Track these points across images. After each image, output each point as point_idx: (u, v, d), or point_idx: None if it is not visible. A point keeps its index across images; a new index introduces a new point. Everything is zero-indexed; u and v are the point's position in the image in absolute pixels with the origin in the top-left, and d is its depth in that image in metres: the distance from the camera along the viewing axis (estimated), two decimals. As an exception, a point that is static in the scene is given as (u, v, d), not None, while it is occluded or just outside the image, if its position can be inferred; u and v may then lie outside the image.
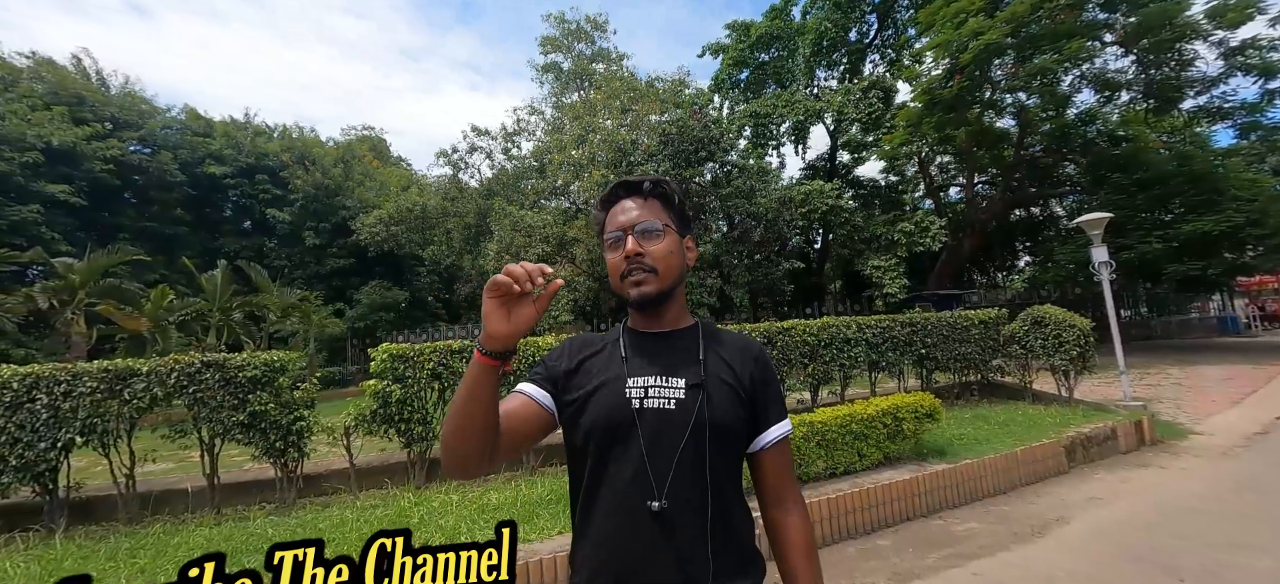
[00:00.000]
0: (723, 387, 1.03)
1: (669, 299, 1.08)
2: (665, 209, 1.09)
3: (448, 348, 4.94)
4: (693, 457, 0.97)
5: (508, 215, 18.00)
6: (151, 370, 4.35)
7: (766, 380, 1.09)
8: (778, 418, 1.09)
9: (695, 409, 0.99)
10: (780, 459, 1.09)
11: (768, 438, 1.07)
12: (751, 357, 1.10)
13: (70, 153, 19.21)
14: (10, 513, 4.30)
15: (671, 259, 1.06)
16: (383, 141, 34.25)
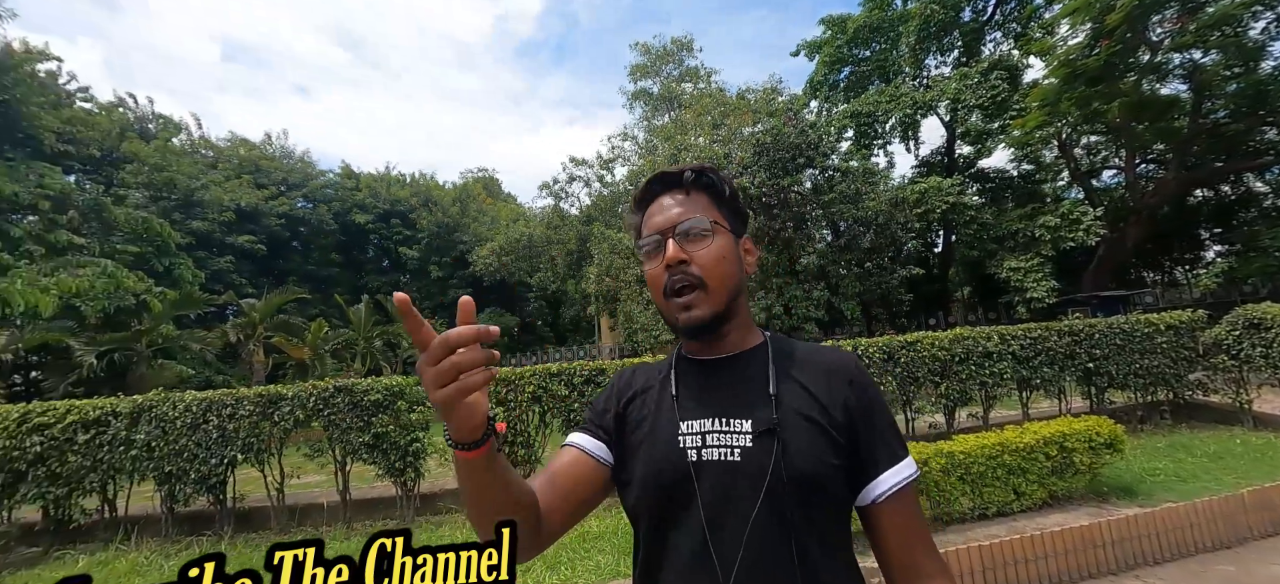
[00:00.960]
0: (804, 425, 0.78)
1: (726, 319, 0.84)
2: (714, 204, 0.86)
3: (546, 371, 4.99)
4: (769, 522, 0.74)
5: (606, 239, 18.47)
6: (294, 395, 4.86)
7: (869, 410, 0.81)
8: (891, 459, 0.79)
9: (770, 460, 0.75)
10: (903, 515, 0.78)
11: (880, 488, 0.78)
12: (845, 379, 0.82)
13: (254, 212, 23.14)
14: (191, 520, 5.00)
15: (725, 266, 0.83)
16: (494, 180, 37.25)
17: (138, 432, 4.85)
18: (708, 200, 0.86)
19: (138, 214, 18.27)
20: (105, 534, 5.05)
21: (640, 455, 0.83)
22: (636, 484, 0.82)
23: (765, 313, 14.56)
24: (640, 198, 0.91)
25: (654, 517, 0.81)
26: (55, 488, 4.88)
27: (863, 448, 0.79)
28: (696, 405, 0.83)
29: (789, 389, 0.81)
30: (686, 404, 0.83)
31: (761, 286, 15.26)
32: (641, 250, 0.86)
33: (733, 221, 0.88)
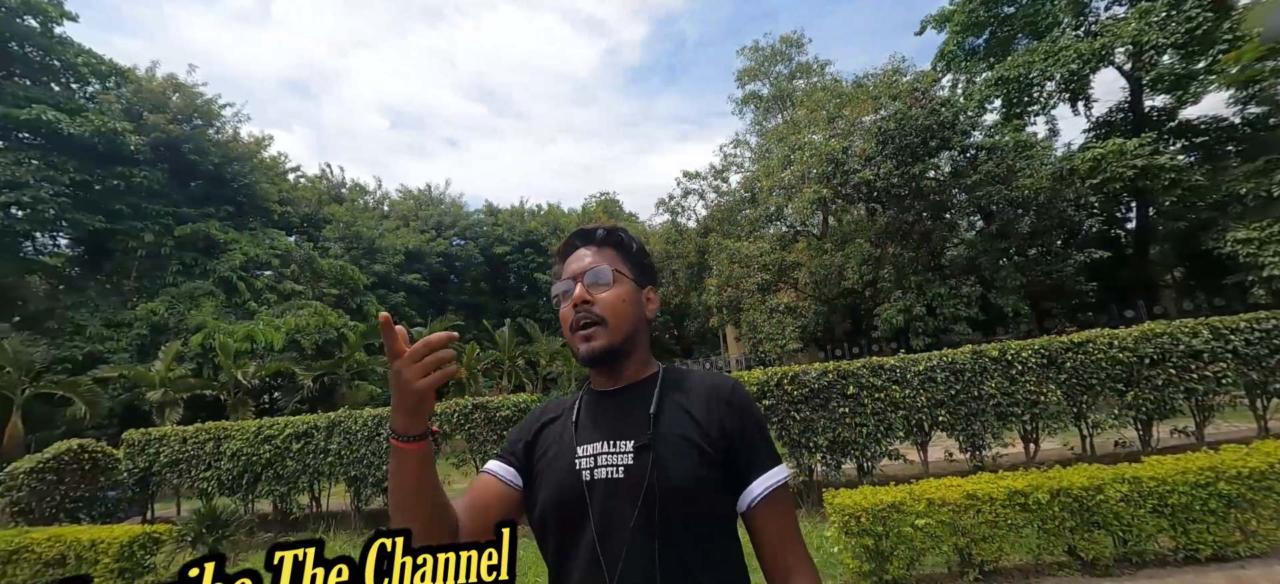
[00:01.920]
0: (679, 443, 0.88)
1: (621, 355, 0.96)
2: (621, 257, 1.01)
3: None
4: (645, 530, 0.83)
5: (724, 249, 18.30)
6: (441, 412, 5.56)
7: (743, 425, 0.92)
8: (762, 467, 0.90)
9: (645, 474, 0.85)
10: (774, 518, 0.89)
11: (753, 493, 0.88)
12: (721, 399, 0.93)
13: (418, 253, 27.00)
14: (373, 516, 5.94)
15: (623, 308, 0.96)
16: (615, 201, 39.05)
17: (332, 442, 5.92)
18: (615, 254, 1.00)
19: (337, 263, 22.41)
20: (313, 525, 6.23)
21: (543, 479, 0.94)
22: (540, 505, 0.92)
23: (904, 315, 13.19)
24: (561, 249, 1.05)
25: (557, 533, 0.90)
26: (280, 486, 6.15)
27: (738, 460, 0.89)
28: (591, 430, 0.94)
29: (669, 411, 0.92)
30: (584, 430, 0.95)
31: (897, 286, 13.86)
32: (556, 293, 1.00)
33: (637, 274, 1.01)
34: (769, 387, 4.74)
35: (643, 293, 1.02)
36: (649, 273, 1.04)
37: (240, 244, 19.16)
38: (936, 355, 4.61)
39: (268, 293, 19.23)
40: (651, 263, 1.05)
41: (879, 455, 4.60)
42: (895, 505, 3.19)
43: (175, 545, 5.60)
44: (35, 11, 15.89)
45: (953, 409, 4.47)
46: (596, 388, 1.00)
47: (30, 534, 5.32)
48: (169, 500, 8.43)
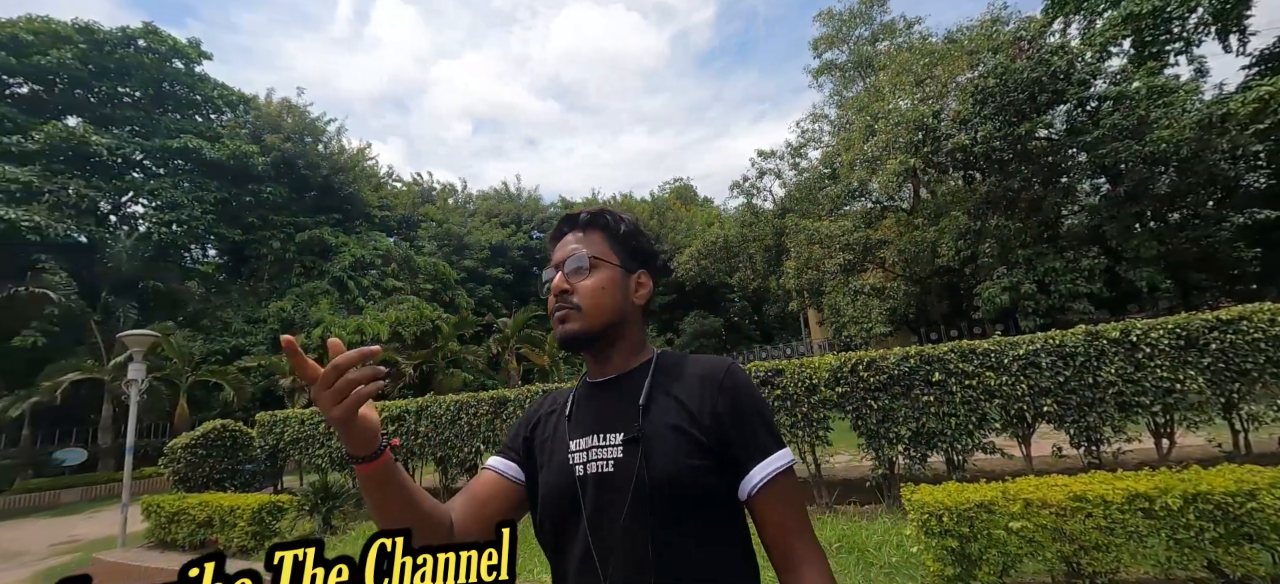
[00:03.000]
0: (669, 434, 0.84)
1: (601, 341, 0.93)
2: (607, 241, 0.96)
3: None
4: (636, 523, 0.80)
5: (802, 230, 17.49)
6: (515, 397, 5.81)
7: (739, 409, 0.86)
8: (762, 453, 0.84)
9: (634, 468, 0.82)
10: (778, 506, 0.83)
11: (753, 481, 0.82)
12: (714, 384, 0.88)
13: (502, 247, 28.46)
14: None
15: (601, 295, 0.92)
16: (689, 188, 38.67)
17: (421, 425, 6.40)
18: (601, 237, 0.96)
19: (431, 260, 24.19)
20: (408, 501, 6.79)
21: (541, 475, 0.93)
22: (540, 502, 0.91)
23: (1009, 293, 11.87)
24: (551, 236, 1.03)
25: (553, 529, 0.88)
26: (379, 465, 6.77)
27: (735, 447, 0.83)
28: (583, 424, 0.91)
29: (660, 401, 0.87)
30: (576, 424, 0.92)
31: (1001, 262, 12.48)
32: (543, 282, 0.97)
33: (624, 257, 0.96)
34: (842, 373, 4.44)
35: (631, 277, 0.97)
36: (641, 256, 0.99)
37: (349, 247, 21.24)
38: (1041, 337, 4.05)
39: (373, 290, 21.18)
40: (646, 245, 0.99)
41: (971, 449, 4.15)
42: (985, 505, 2.85)
43: (296, 513, 6.35)
44: (181, 55, 18.50)
45: (1061, 398, 3.91)
46: (590, 379, 0.98)
47: (187, 499, 6.27)
48: (294, 474, 9.59)
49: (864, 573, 3.29)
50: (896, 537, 3.55)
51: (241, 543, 5.45)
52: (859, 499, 4.67)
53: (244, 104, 21.12)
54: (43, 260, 14.50)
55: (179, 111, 19.09)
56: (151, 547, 6.36)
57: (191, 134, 17.80)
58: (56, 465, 14.40)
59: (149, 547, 6.38)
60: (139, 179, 17.90)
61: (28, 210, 14.11)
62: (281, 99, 22.35)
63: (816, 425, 4.47)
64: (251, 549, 5.44)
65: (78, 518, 10.53)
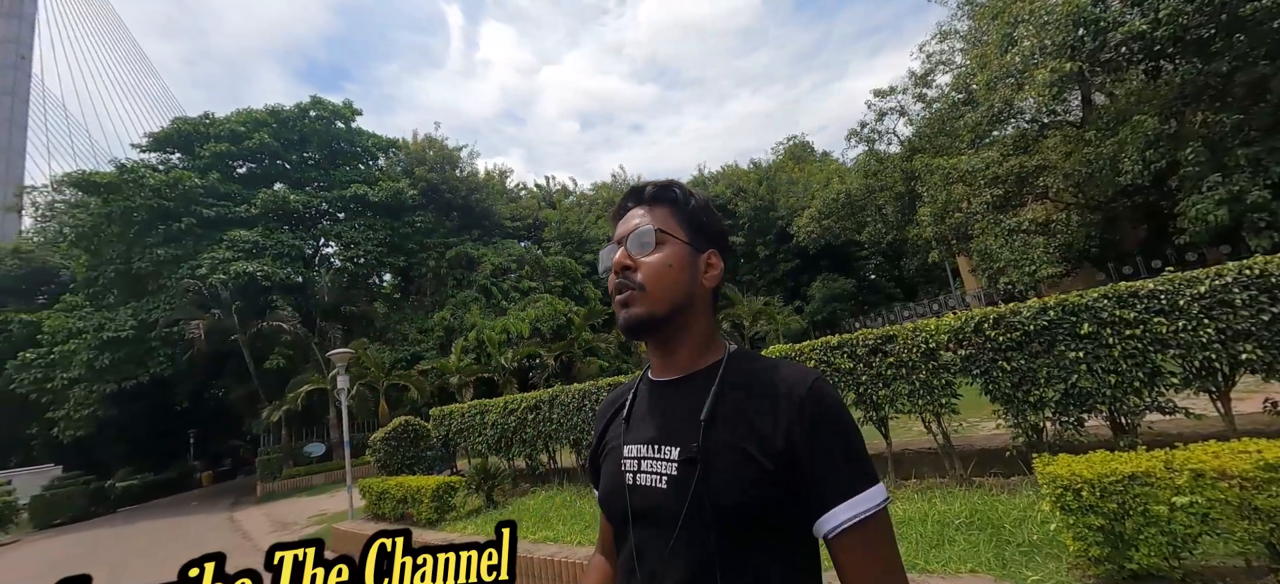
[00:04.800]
0: (734, 455, 0.73)
1: (669, 328, 0.82)
2: (674, 216, 0.85)
3: (826, 344, 4.75)
4: (687, 553, 0.72)
5: (936, 169, 15.59)
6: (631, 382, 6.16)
7: (817, 436, 0.72)
8: (844, 493, 0.70)
9: (690, 490, 0.73)
10: (858, 554, 0.70)
11: (829, 523, 0.70)
12: (794, 402, 0.73)
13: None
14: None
15: (668, 275, 0.80)
16: (805, 145, 36.42)
17: (554, 412, 7.09)
18: (668, 213, 0.86)
19: (558, 259, 26.07)
20: (553, 479, 7.58)
21: (603, 476, 0.89)
22: (601, 503, 0.89)
23: (1229, 207, 9.38)
24: (614, 214, 0.93)
25: (611, 531, 0.86)
26: (525, 448, 7.64)
27: (810, 479, 0.71)
28: (640, 428, 0.84)
29: (727, 415, 0.77)
30: (634, 427, 0.86)
31: (1214, 168, 9.88)
32: (603, 262, 0.88)
33: (691, 234, 0.85)
34: (965, 333, 3.99)
35: (701, 257, 0.85)
36: (711, 235, 0.88)
37: (488, 257, 23.76)
38: (1231, 269, 3.24)
39: (512, 292, 23.48)
40: (716, 222, 0.89)
41: (1141, 410, 3.49)
42: (1137, 476, 2.43)
43: (465, 490, 7.46)
44: (341, 116, 22.16)
45: (1268, 343, 3.12)
46: (652, 376, 0.89)
47: (388, 482, 7.71)
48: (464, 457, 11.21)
49: (997, 552, 3.01)
50: (1039, 512, 3.17)
51: (428, 516, 6.56)
52: (1002, 470, 4.21)
53: (393, 147, 24.63)
54: (275, 300, 18.52)
55: (347, 164, 22.92)
56: (369, 519, 7.94)
57: (358, 182, 21.30)
58: (305, 457, 18.42)
59: (367, 519, 7.98)
60: (327, 225, 21.89)
61: (260, 263, 18.07)
62: (424, 135, 25.60)
63: (938, 393, 4.11)
64: (435, 521, 6.53)
65: (323, 497, 13.42)
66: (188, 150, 20.41)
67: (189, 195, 18.46)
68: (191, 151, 20.26)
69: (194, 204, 18.55)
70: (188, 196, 18.44)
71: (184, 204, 18.35)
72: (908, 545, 3.25)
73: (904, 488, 4.42)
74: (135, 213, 17.90)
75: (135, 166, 18.84)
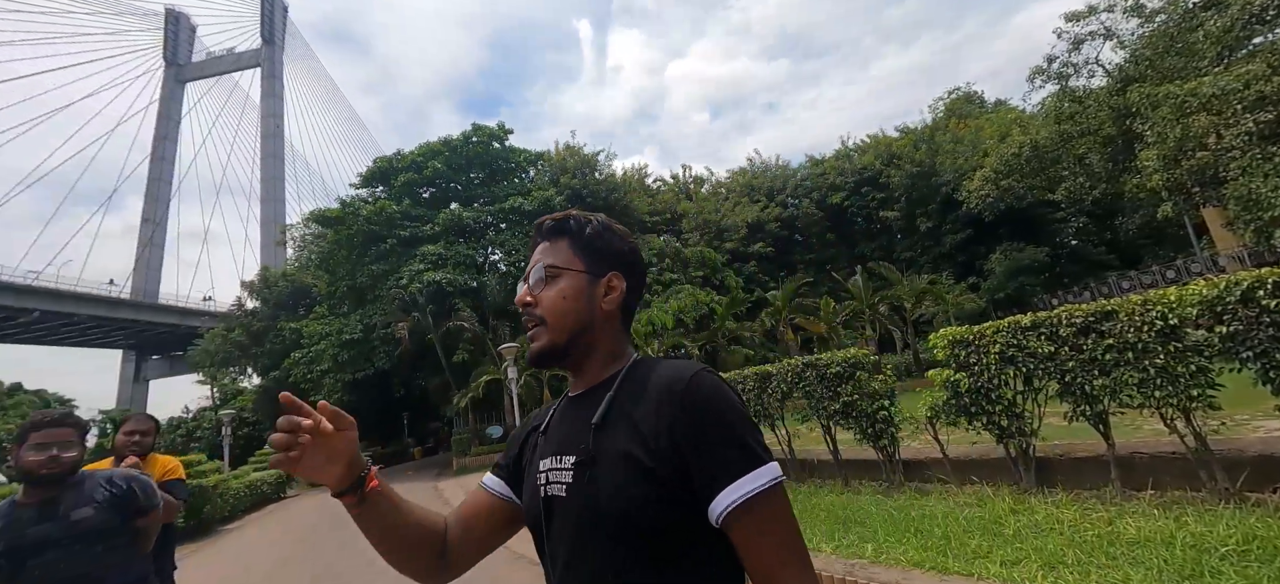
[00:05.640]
0: (617, 456, 0.76)
1: (572, 354, 0.88)
2: (571, 246, 0.91)
3: (1015, 324, 4.02)
4: (584, 555, 0.77)
5: (1167, 99, 12.36)
6: (777, 372, 5.92)
7: (697, 427, 0.73)
8: (729, 475, 0.71)
9: (582, 494, 0.78)
10: (751, 532, 0.71)
11: (718, 507, 0.71)
12: (673, 398, 0.76)
13: (757, 223, 28.69)
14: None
15: (562, 304, 0.87)
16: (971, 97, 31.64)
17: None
18: (565, 244, 0.92)
19: (697, 250, 26.18)
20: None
21: (524, 490, 0.92)
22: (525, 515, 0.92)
23: None
24: (531, 248, 0.98)
25: (537, 550, 0.87)
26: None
27: (696, 470, 0.72)
28: (549, 442, 0.88)
29: (617, 419, 0.80)
30: (547, 441, 0.89)
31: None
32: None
33: (589, 262, 0.90)
34: (1227, 305, 3.03)
35: (599, 282, 0.90)
36: (610, 257, 0.91)
37: (630, 253, 24.81)
38: None
39: (655, 285, 24.17)
40: (615, 244, 0.92)
41: None
42: None
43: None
44: (496, 138, 24.89)
45: None
46: (569, 393, 0.94)
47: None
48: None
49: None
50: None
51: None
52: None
53: (540, 160, 26.95)
54: (457, 303, 21.51)
55: (504, 179, 25.65)
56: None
57: (514, 195, 23.72)
58: (488, 438, 21.15)
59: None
60: (493, 235, 24.76)
61: (444, 272, 21.11)
62: (564, 145, 27.58)
63: (1185, 382, 3.23)
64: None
65: (500, 475, 15.26)
66: (386, 182, 24.67)
67: (390, 220, 22.33)
68: (389, 183, 24.45)
69: (394, 227, 22.36)
70: (390, 221, 22.30)
71: (387, 228, 22.23)
72: (1145, 572, 2.62)
73: (1136, 499, 3.59)
74: (355, 238, 22.21)
75: (352, 201, 23.42)
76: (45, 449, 1.88)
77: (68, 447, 1.93)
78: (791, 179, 31.86)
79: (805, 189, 30.86)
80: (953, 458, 4.84)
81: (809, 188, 30.71)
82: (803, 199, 30.24)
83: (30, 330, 41.57)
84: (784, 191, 31.06)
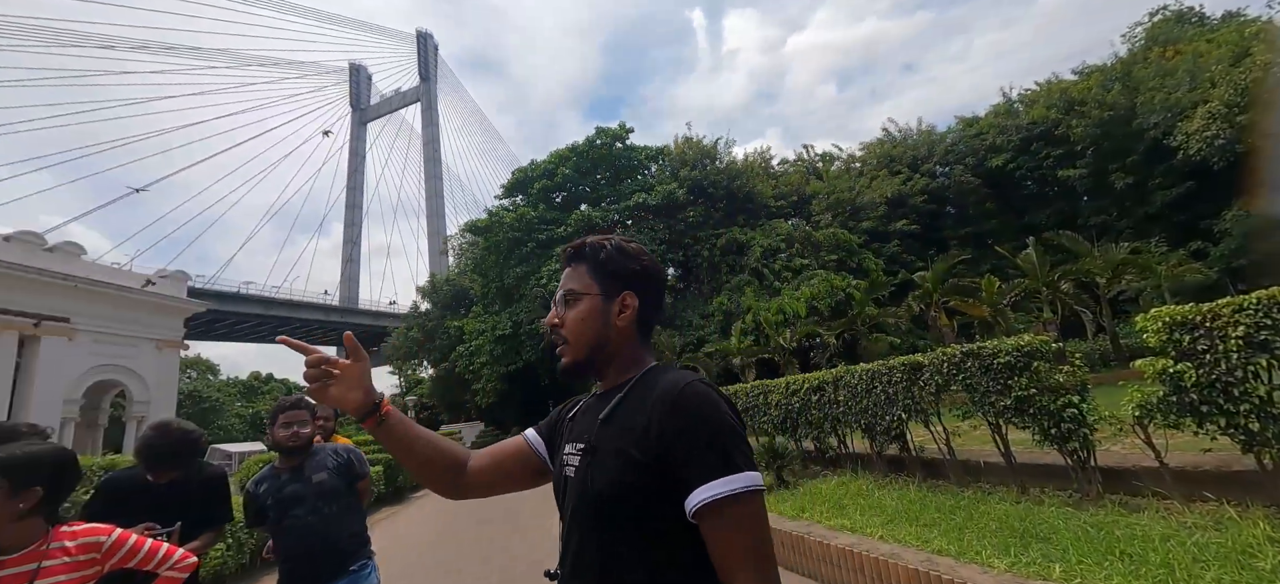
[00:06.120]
0: (612, 449, 0.88)
1: (593, 367, 1.01)
2: (589, 271, 1.03)
3: (1271, 299, 3.11)
4: (582, 531, 0.89)
5: None
6: (930, 363, 5.33)
7: (684, 429, 0.83)
8: (704, 476, 0.80)
9: (583, 477, 0.90)
10: (719, 532, 0.79)
11: (692, 503, 0.80)
12: (666, 402, 0.86)
13: (898, 198, 26.02)
14: (891, 462, 6.32)
15: (582, 325, 1.00)
16: (1183, 16, 25.26)
17: (839, 394, 6.71)
18: (585, 269, 1.03)
19: (829, 232, 24.58)
20: (844, 464, 7.19)
21: (554, 469, 1.06)
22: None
23: None
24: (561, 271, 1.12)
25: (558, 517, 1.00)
26: (811, 428, 7.46)
27: (676, 467, 0.81)
28: (573, 430, 1.01)
29: (620, 417, 0.91)
30: (571, 429, 1.03)
31: None
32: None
33: (604, 284, 1.01)
34: None
35: (614, 303, 1.01)
36: (625, 277, 1.02)
37: (756, 240, 24.08)
38: None
39: (784, 272, 23.23)
40: (628, 265, 1.02)
41: None
42: None
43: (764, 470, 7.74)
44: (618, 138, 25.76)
45: None
46: (595, 391, 1.06)
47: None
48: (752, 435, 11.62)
49: None
50: None
51: (722, 490, 7.07)
52: None
53: (660, 155, 27.31)
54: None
55: (627, 177, 26.50)
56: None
57: (638, 191, 24.40)
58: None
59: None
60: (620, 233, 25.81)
61: (579, 271, 22.57)
62: (682, 138, 27.65)
63: None
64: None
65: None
66: (524, 191, 26.94)
67: (529, 225, 24.38)
68: (526, 191, 26.67)
69: (533, 231, 24.36)
70: (529, 226, 24.36)
71: (527, 232, 24.31)
72: None
73: None
74: (501, 244, 24.69)
75: (497, 210, 26.06)
76: (289, 426, 2.39)
77: (304, 424, 2.44)
78: (939, 145, 28.28)
79: (957, 154, 27.19)
80: (1173, 467, 3.94)
81: (961, 152, 27.00)
82: (954, 166, 26.70)
83: (275, 331, 52.98)
84: (930, 160, 27.70)
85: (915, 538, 3.90)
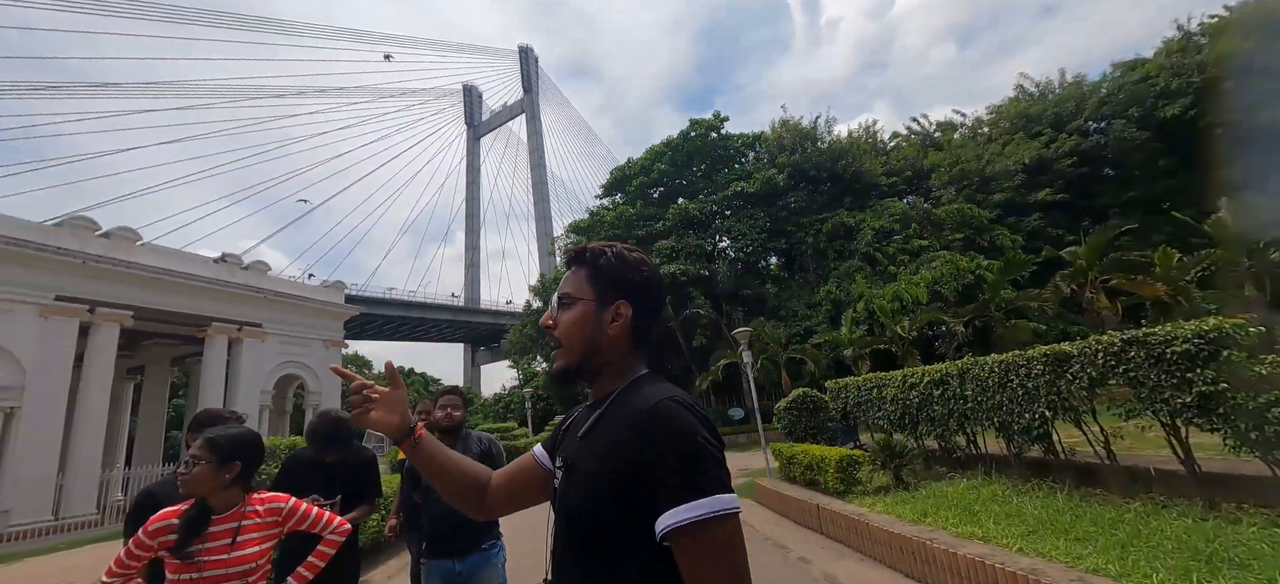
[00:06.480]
0: (588, 466, 0.89)
1: (584, 373, 1.00)
2: (586, 276, 1.03)
3: None
4: (562, 543, 0.92)
5: None
6: (1080, 353, 4.64)
7: (653, 452, 0.81)
8: (672, 500, 0.77)
9: (563, 492, 0.93)
10: (688, 555, 0.77)
11: (660, 526, 0.78)
12: (637, 425, 0.84)
13: (1039, 163, 22.72)
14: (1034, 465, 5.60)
15: (574, 330, 0.99)
16: None
17: (965, 388, 6.07)
18: (583, 274, 1.03)
19: (952, 208, 22.16)
20: (975, 465, 6.50)
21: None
22: None
23: None
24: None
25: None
26: (934, 426, 6.84)
27: (644, 488, 0.80)
28: (565, 443, 1.01)
29: (600, 431, 0.90)
30: (565, 441, 1.02)
31: None
32: None
33: (599, 290, 1.00)
34: None
35: (607, 310, 1.00)
36: (620, 286, 1.01)
37: (866, 222, 22.45)
38: None
39: (900, 254, 21.41)
40: (625, 273, 1.01)
41: None
42: None
43: (870, 466, 7.27)
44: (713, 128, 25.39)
45: None
46: (587, 401, 1.06)
47: (794, 447, 8.32)
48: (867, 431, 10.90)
49: None
50: None
51: (834, 487, 6.72)
52: None
53: (758, 142, 26.45)
54: (691, 292, 22.80)
55: (724, 167, 26.04)
56: (783, 480, 8.78)
57: (736, 180, 23.89)
58: (729, 420, 21.96)
59: (782, 479, 8.84)
60: (719, 224, 25.41)
61: (677, 264, 22.61)
62: (779, 121, 26.52)
63: None
64: (841, 492, 6.61)
65: (746, 455, 15.67)
66: (622, 189, 27.58)
67: (628, 223, 24.95)
68: (624, 189, 27.29)
69: (632, 229, 24.90)
70: (628, 224, 24.93)
71: (626, 230, 24.90)
72: None
73: None
74: (603, 242, 25.71)
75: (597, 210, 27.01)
76: (445, 409, 2.82)
77: (457, 408, 2.86)
78: (1090, 98, 24.13)
79: (1116, 106, 23.00)
80: None
81: (1123, 103, 22.79)
82: (1112, 121, 22.65)
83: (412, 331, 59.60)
84: (1079, 116, 23.74)
85: (1063, 553, 3.44)
